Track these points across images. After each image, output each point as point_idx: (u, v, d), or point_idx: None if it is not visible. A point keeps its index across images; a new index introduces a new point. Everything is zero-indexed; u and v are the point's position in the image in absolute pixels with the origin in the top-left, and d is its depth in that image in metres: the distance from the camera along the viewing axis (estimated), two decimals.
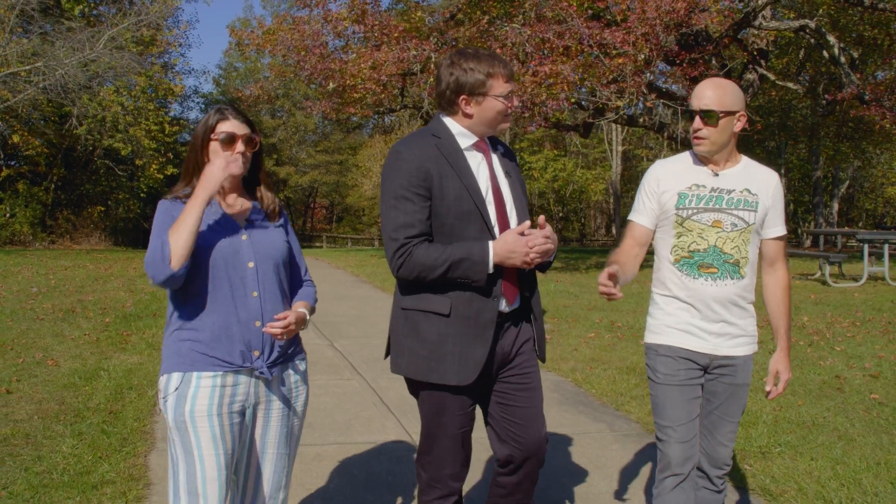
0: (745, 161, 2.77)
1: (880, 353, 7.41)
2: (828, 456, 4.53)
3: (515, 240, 2.42)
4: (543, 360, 2.76)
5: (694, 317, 2.67)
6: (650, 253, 2.87)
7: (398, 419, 5.15)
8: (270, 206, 2.49)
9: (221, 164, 2.31)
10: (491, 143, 2.68)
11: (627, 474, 4.28)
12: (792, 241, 31.96)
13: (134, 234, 31.59)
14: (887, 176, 35.60)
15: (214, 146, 2.37)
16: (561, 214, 44.94)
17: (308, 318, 2.49)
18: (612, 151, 36.09)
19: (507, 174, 2.65)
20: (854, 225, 36.67)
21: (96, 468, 4.04)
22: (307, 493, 3.88)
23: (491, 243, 2.44)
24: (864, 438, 4.88)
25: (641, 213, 2.77)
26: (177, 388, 2.31)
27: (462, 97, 2.51)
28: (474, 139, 2.58)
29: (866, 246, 13.09)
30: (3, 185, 26.85)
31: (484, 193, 2.52)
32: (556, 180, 38.63)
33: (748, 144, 28.25)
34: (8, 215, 26.55)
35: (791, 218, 36.27)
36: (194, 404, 2.30)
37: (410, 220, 2.42)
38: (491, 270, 2.44)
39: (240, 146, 2.38)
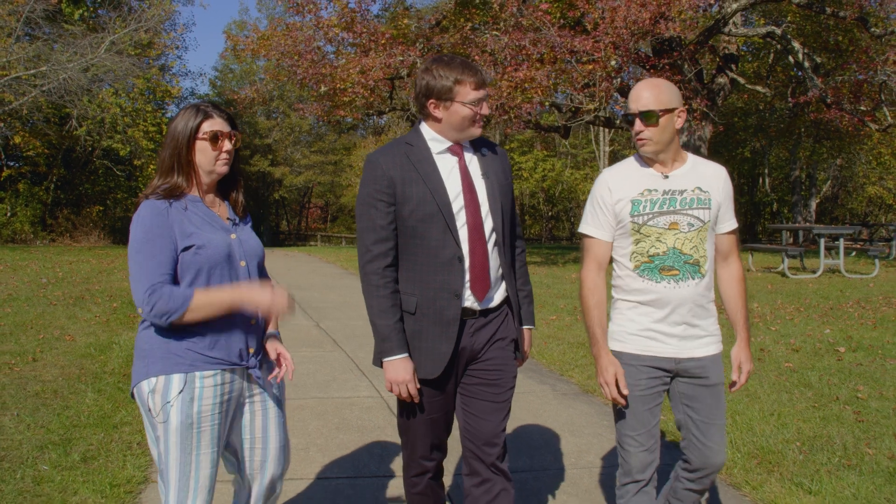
0: (693, 159, 2.76)
1: (809, 332, 8.27)
2: (730, 409, 5.37)
3: None
4: (519, 358, 2.83)
5: (656, 321, 2.66)
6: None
7: (370, 381, 6.01)
8: (241, 206, 2.55)
9: (269, 300, 2.35)
10: (474, 144, 2.73)
11: (559, 422, 5.13)
12: (777, 238, 32.83)
13: None
14: (868, 176, 36.47)
15: (202, 145, 2.38)
16: (551, 214, 45.79)
17: (278, 335, 2.61)
18: (600, 152, 36.95)
19: (485, 175, 2.68)
20: (838, 223, 37.54)
21: (115, 414, 4.90)
22: (289, 433, 4.71)
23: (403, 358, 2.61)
24: (767, 396, 5.72)
25: (599, 228, 2.74)
26: (181, 391, 2.29)
27: (431, 101, 2.58)
28: (447, 144, 2.64)
29: (822, 240, 13.97)
30: (4, 185, 27.52)
31: (453, 197, 2.59)
32: (546, 180, 39.48)
33: (728, 146, 29.15)
34: (9, 214, 27.25)
35: (775, 217, 37.17)
36: (201, 406, 2.31)
37: (373, 224, 2.57)
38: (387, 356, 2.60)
39: (227, 145, 2.41)
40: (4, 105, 21.90)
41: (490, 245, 2.66)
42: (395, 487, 3.93)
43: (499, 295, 2.73)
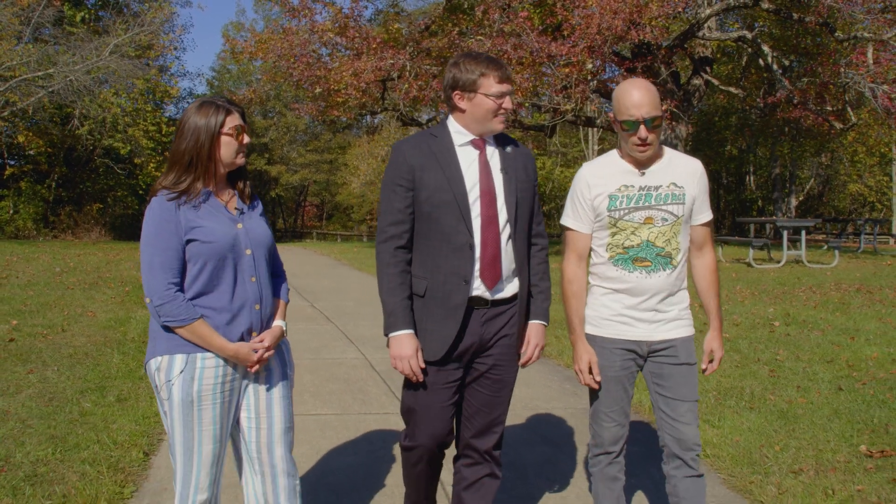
0: (669, 154, 2.83)
1: (754, 311, 9.18)
2: None
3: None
4: (519, 354, 2.88)
5: (628, 307, 2.77)
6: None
7: (357, 347, 6.93)
8: (247, 192, 2.64)
9: (254, 359, 2.51)
10: (499, 141, 2.81)
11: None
12: (762, 234, 33.83)
13: (132, 229, 33.19)
14: (849, 174, 37.46)
15: (227, 140, 2.49)
16: (542, 211, 46.74)
17: (284, 326, 2.66)
18: (589, 150, 37.89)
19: (504, 171, 2.76)
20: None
21: (139, 369, 5.81)
22: None
23: (407, 333, 2.66)
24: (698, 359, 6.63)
25: (579, 221, 2.83)
26: (182, 371, 2.43)
27: (456, 92, 2.69)
28: (470, 137, 2.73)
29: (785, 232, 14.91)
30: (6, 183, 28.28)
31: (469, 187, 2.67)
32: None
33: (711, 145, 30.08)
34: (11, 212, 28.04)
35: (762, 213, 38.15)
36: (201, 385, 2.44)
37: (391, 207, 2.69)
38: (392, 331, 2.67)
39: (245, 138, 2.55)
40: (10, 106, 22.76)
41: (504, 237, 2.73)
42: (374, 422, 4.84)
43: (511, 287, 2.80)
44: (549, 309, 2.94)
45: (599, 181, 2.77)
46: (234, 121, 2.49)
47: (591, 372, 2.82)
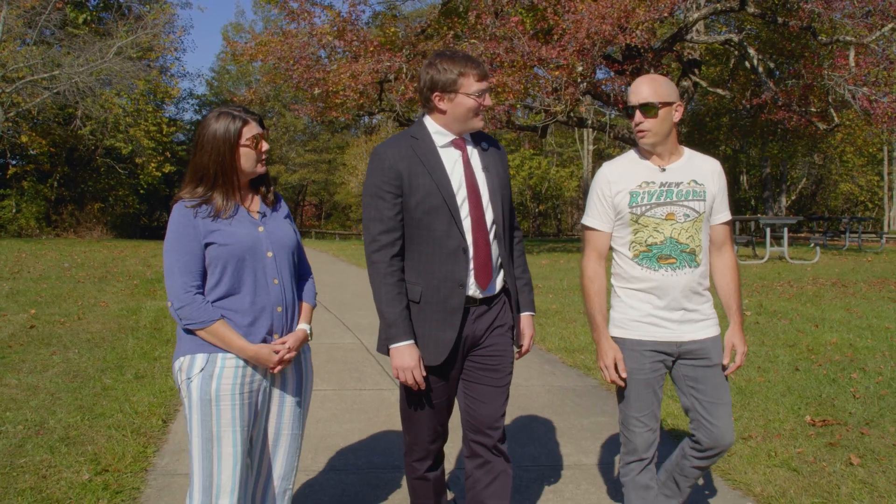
0: (689, 153, 2.85)
1: None
2: None
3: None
4: (517, 346, 2.89)
5: (657, 307, 2.75)
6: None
7: (354, 333, 7.44)
8: (269, 197, 2.66)
9: (274, 360, 2.50)
10: (474, 138, 2.80)
11: None
12: (747, 232, 34.36)
13: (133, 228, 33.73)
14: (841, 174, 38.02)
15: (245, 150, 2.51)
16: (538, 211, 47.27)
17: (309, 330, 2.64)
18: (584, 150, 38.43)
19: (486, 169, 2.76)
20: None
21: (153, 351, 6.32)
22: None
23: (408, 345, 2.63)
24: None
25: (598, 219, 2.84)
26: (202, 369, 2.44)
27: (436, 94, 2.66)
28: (451, 137, 2.71)
29: (768, 229, 15.43)
30: (9, 183, 28.75)
31: (456, 189, 2.66)
32: (532, 178, 40.93)
33: (702, 145, 30.60)
34: (14, 211, 28.53)
35: (755, 213, 38.67)
36: (220, 384, 2.43)
37: (381, 215, 2.62)
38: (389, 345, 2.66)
39: (264, 145, 2.56)
40: (16, 107, 23.25)
41: (491, 236, 2.74)
42: (368, 396, 5.35)
43: (499, 282, 2.80)
44: (533, 299, 2.99)
45: (620, 178, 2.79)
46: (251, 130, 2.50)
47: (616, 369, 2.81)
